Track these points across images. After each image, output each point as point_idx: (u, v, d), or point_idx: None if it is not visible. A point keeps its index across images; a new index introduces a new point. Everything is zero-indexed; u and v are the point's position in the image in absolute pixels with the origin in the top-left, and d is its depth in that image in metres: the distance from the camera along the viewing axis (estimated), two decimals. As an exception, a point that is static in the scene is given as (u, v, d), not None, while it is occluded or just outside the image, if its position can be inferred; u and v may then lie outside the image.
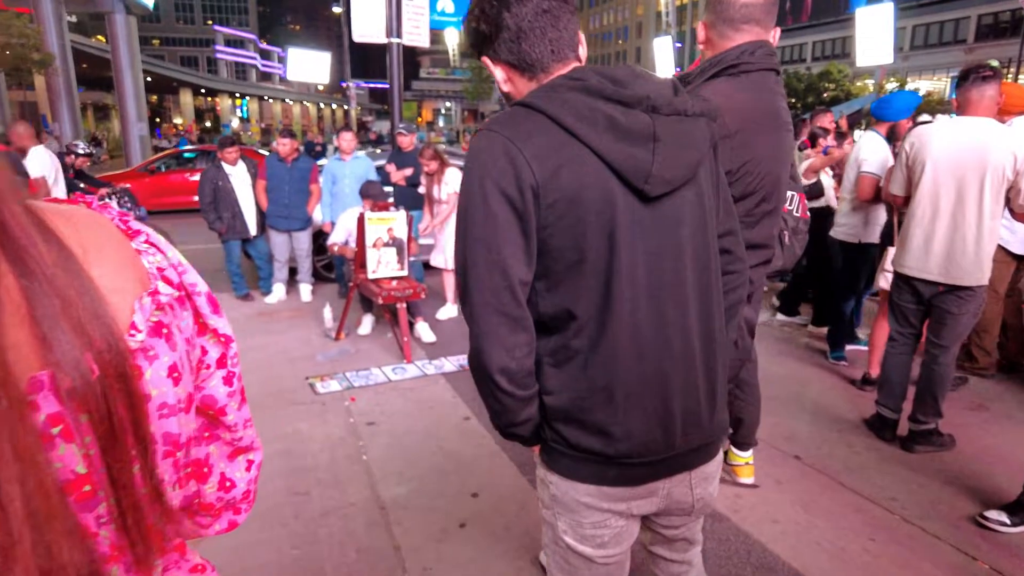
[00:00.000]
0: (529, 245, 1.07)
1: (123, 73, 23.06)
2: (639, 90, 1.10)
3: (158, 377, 0.53)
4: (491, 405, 1.17)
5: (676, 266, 1.15)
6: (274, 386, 4.24)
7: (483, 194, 1.06)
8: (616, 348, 1.11)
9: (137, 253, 0.56)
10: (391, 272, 4.93)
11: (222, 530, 0.72)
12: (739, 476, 2.97)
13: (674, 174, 1.11)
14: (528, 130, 1.07)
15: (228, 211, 6.03)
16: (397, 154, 6.52)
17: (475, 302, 1.09)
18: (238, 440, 0.70)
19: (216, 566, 0.74)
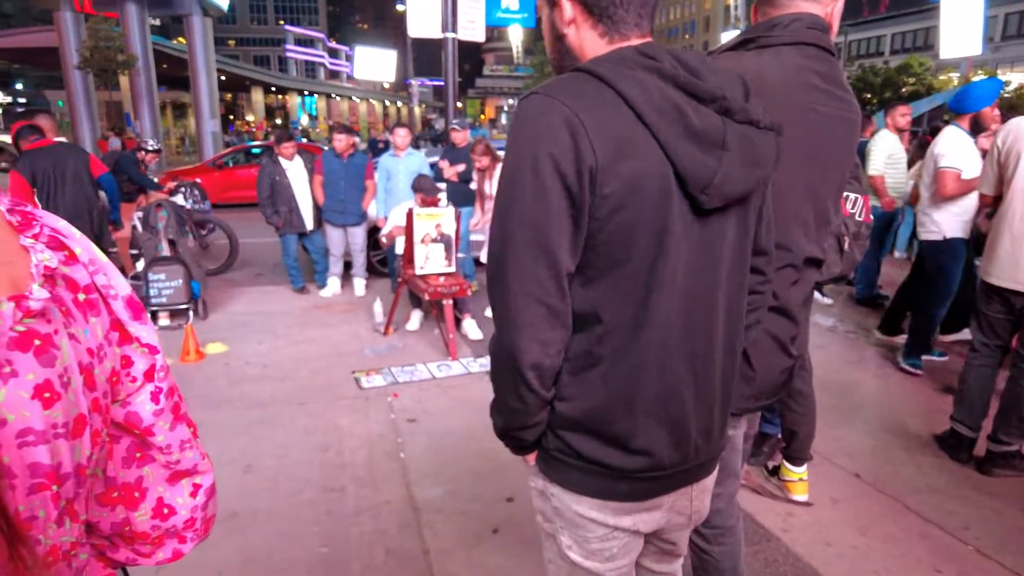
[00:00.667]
0: (578, 234, 0.96)
1: (199, 72, 24.09)
2: (713, 85, 0.98)
3: (16, 399, 0.44)
4: (510, 403, 1.07)
5: (712, 282, 1.06)
6: (321, 380, 4.28)
7: (535, 167, 0.93)
8: (643, 361, 1.02)
9: (22, 250, 0.48)
10: (438, 268, 4.91)
11: (166, 560, 0.65)
12: (791, 492, 2.78)
13: (733, 190, 1.00)
14: (593, 103, 0.94)
15: (285, 206, 6.15)
16: (450, 150, 6.51)
17: (513, 290, 0.98)
18: (175, 463, 0.62)
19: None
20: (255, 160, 14.19)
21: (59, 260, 0.50)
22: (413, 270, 4.87)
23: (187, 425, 0.65)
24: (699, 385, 1.09)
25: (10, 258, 0.47)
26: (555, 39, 1.11)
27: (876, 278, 6.10)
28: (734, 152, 0.98)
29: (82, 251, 0.53)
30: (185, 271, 5.38)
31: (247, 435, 3.47)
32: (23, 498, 0.45)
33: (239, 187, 12.84)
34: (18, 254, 0.48)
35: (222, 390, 4.11)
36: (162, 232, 5.54)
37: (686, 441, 1.10)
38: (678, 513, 1.19)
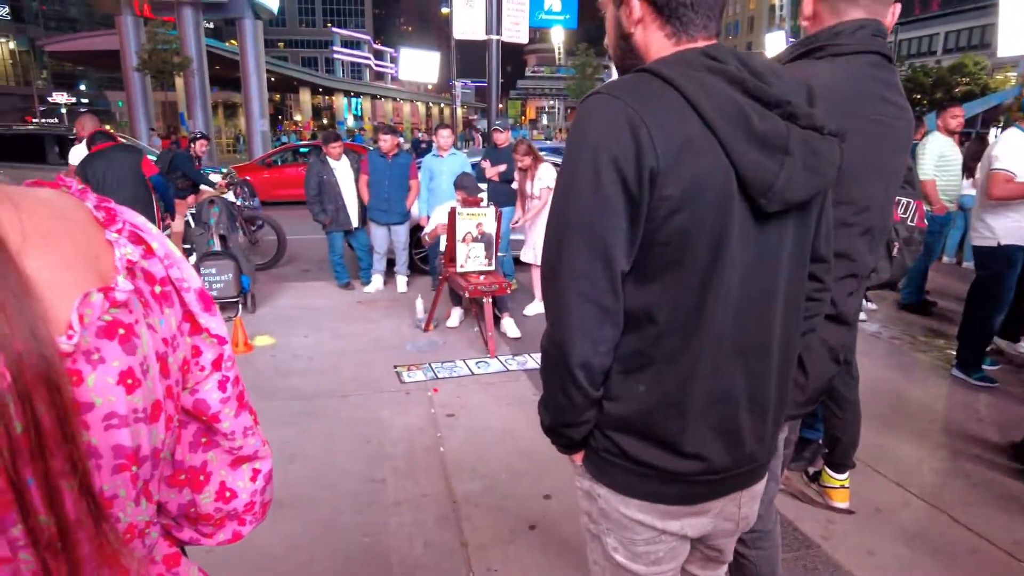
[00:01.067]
0: (634, 235, 0.96)
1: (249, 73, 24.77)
2: (779, 90, 0.98)
3: (104, 384, 0.47)
4: (557, 400, 1.09)
5: (769, 287, 1.06)
6: (364, 373, 4.38)
7: (595, 168, 0.94)
8: (696, 363, 1.02)
9: (107, 244, 0.51)
10: (478, 267, 4.96)
11: (226, 541, 0.69)
12: (832, 499, 2.73)
13: (794, 195, 1.00)
14: (656, 104, 0.94)
15: (332, 204, 6.29)
16: (492, 150, 6.58)
17: (566, 288, 0.99)
18: (238, 449, 0.66)
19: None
20: (303, 159, 14.53)
21: (139, 254, 0.54)
22: (454, 268, 4.94)
23: (249, 413, 0.68)
24: (753, 390, 1.08)
25: (98, 252, 0.50)
26: (620, 38, 1.10)
27: (924, 283, 5.92)
28: (796, 157, 0.97)
29: (159, 246, 0.56)
30: (235, 266, 5.56)
31: (292, 425, 3.58)
32: (107, 478, 0.49)
33: (287, 185, 13.16)
34: (104, 248, 0.51)
35: (269, 381, 4.24)
36: (214, 228, 5.73)
37: (739, 446, 1.09)
38: (726, 519, 1.18)
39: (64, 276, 0.47)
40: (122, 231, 0.53)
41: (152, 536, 0.59)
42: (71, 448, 0.43)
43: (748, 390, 1.07)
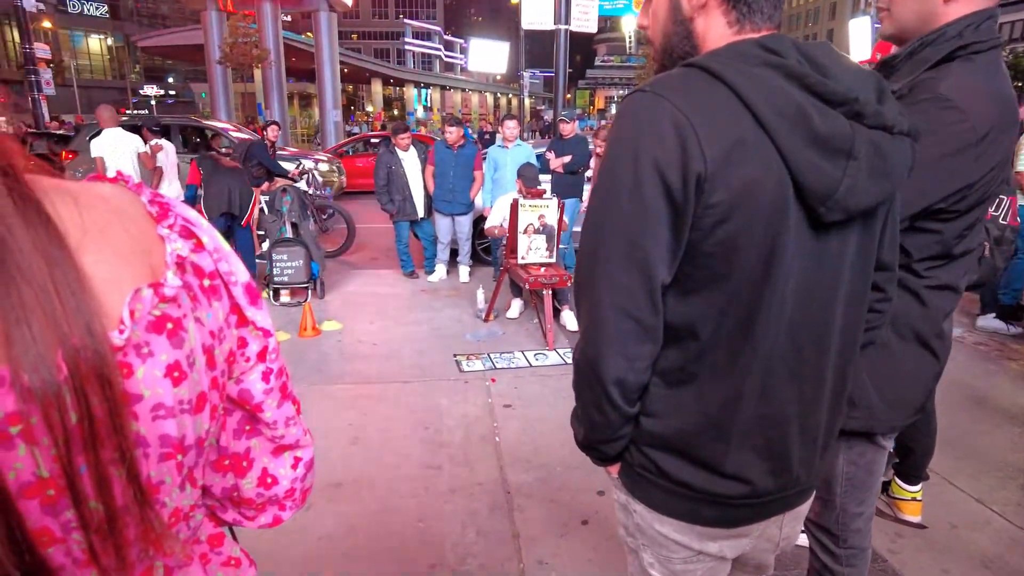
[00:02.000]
0: (678, 245, 0.89)
1: (323, 65, 25.47)
2: (845, 86, 0.88)
3: (152, 377, 0.49)
4: (591, 416, 1.03)
5: (827, 304, 0.98)
6: (425, 360, 4.46)
7: (636, 173, 0.87)
8: (743, 384, 0.95)
9: (159, 239, 0.53)
10: (539, 258, 4.96)
11: (266, 524, 0.72)
12: (902, 512, 2.60)
13: (858, 203, 0.91)
14: (705, 102, 0.86)
15: (399, 194, 6.42)
16: (557, 141, 6.54)
17: (601, 300, 0.93)
18: (279, 438, 0.68)
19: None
20: (373, 149, 14.85)
21: (189, 248, 0.55)
22: (515, 259, 4.95)
23: (292, 403, 0.69)
24: (804, 413, 1.01)
25: (151, 246, 0.52)
26: (676, 23, 1.01)
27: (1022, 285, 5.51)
28: (862, 162, 0.89)
29: (208, 240, 0.58)
30: (305, 253, 5.75)
31: (355, 408, 3.69)
32: (154, 465, 0.51)
33: (359, 175, 13.46)
34: (156, 243, 0.53)
35: (335, 365, 4.38)
36: (286, 215, 5.94)
37: (785, 470, 1.03)
38: (767, 540, 1.13)
39: (119, 271, 0.48)
40: (173, 226, 0.55)
41: (196, 518, 0.62)
42: (120, 438, 0.45)
43: (799, 414, 1.00)
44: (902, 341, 1.42)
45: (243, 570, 0.71)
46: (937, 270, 1.39)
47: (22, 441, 0.42)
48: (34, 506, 0.43)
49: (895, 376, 1.44)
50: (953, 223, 1.35)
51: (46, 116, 17.12)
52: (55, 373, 0.41)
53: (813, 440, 1.05)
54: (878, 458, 1.56)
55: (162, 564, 0.56)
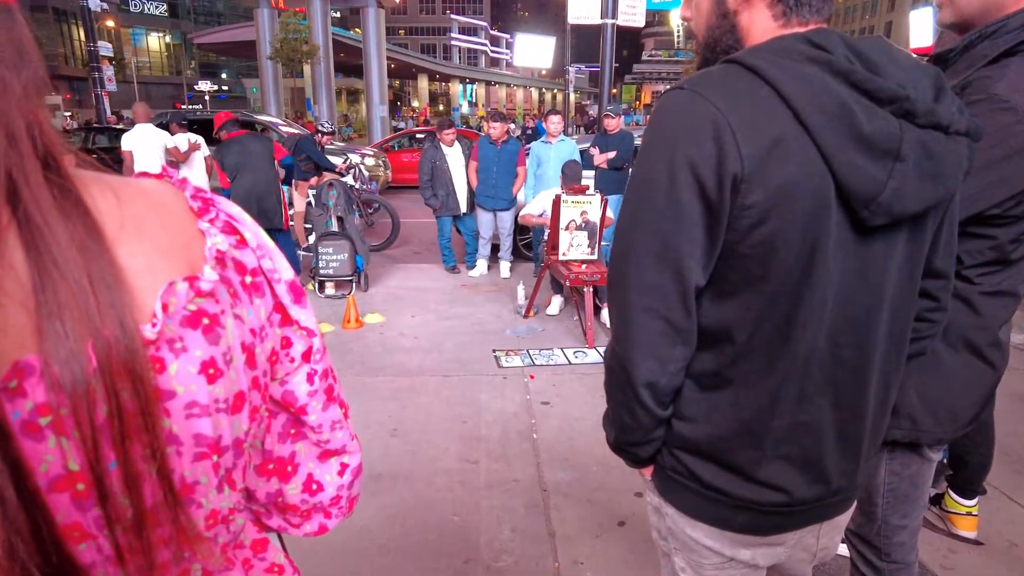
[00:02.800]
0: (713, 245, 0.88)
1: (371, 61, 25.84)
2: (895, 83, 0.84)
3: (185, 373, 0.48)
4: (622, 419, 1.01)
5: (870, 310, 0.94)
6: (465, 354, 4.48)
7: (670, 173, 0.86)
8: (779, 391, 0.93)
9: (199, 234, 0.52)
10: (581, 255, 4.92)
11: (312, 532, 0.70)
12: (957, 527, 2.49)
13: (905, 207, 0.86)
14: (744, 101, 0.84)
15: (443, 189, 6.46)
16: (602, 137, 6.48)
17: (633, 302, 0.92)
18: (325, 442, 0.66)
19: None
20: (419, 145, 14.99)
21: (230, 244, 0.54)
22: (556, 256, 4.93)
23: (339, 406, 0.68)
24: (844, 422, 0.98)
25: (189, 241, 0.52)
26: (719, 16, 0.98)
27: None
28: (910, 163, 0.84)
29: (251, 236, 0.57)
30: (351, 246, 5.85)
31: (396, 400, 3.73)
32: (188, 464, 0.50)
33: (404, 170, 13.62)
34: (195, 237, 0.52)
35: (377, 357, 4.44)
36: (332, 209, 6.05)
37: (822, 480, 0.99)
38: (803, 550, 1.09)
39: (155, 264, 0.48)
40: (215, 221, 0.55)
41: (238, 522, 0.60)
42: (151, 435, 0.45)
43: (837, 423, 0.97)
44: (951, 350, 1.36)
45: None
46: (992, 276, 1.32)
47: (52, 433, 0.41)
48: (64, 500, 0.43)
49: (943, 387, 1.38)
50: (1008, 228, 1.28)
51: (108, 111, 17.83)
52: (85, 365, 0.41)
53: (854, 450, 1.01)
54: (924, 470, 1.49)
55: (200, 568, 0.55)
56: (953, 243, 1.05)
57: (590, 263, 4.92)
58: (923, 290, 1.04)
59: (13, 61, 0.42)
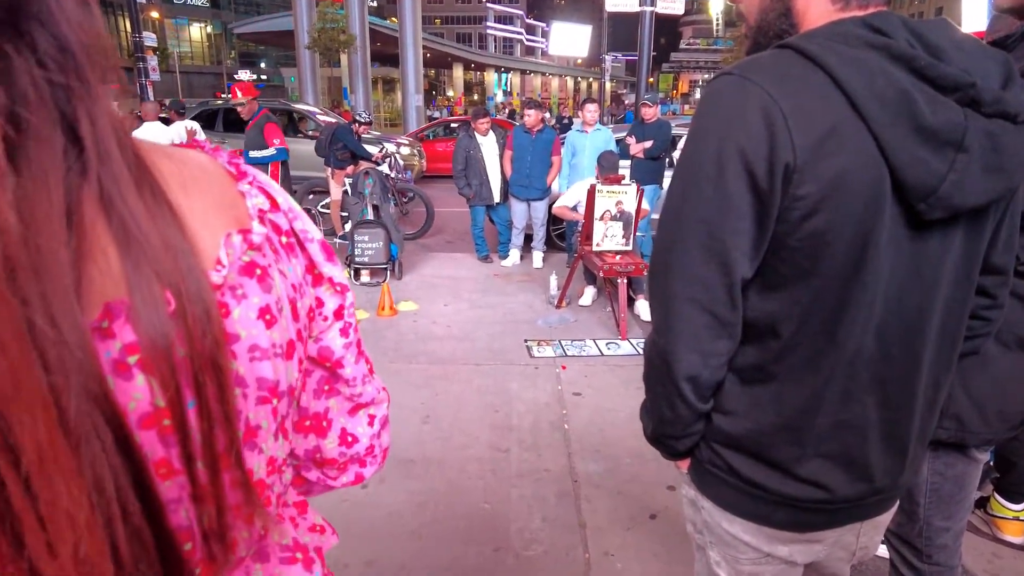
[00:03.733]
0: (762, 237, 0.85)
1: (407, 50, 25.88)
2: (960, 69, 0.80)
3: (247, 318, 0.51)
4: (661, 411, 1.00)
5: (922, 307, 0.90)
6: (496, 344, 4.49)
7: (718, 161, 0.83)
8: (824, 388, 0.90)
9: (240, 195, 0.56)
10: (615, 246, 4.88)
11: (349, 482, 0.74)
12: (1002, 531, 2.41)
13: (965, 200, 0.83)
14: (797, 88, 0.81)
15: (477, 179, 6.47)
16: (638, 126, 6.40)
17: (676, 293, 0.89)
18: (357, 396, 0.69)
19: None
20: (454, 135, 15.01)
21: (268, 205, 0.58)
22: (590, 246, 4.89)
23: (366, 361, 0.71)
24: (890, 423, 0.95)
25: (233, 201, 0.55)
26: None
27: None
28: (973, 154, 0.80)
29: (282, 200, 0.60)
30: (385, 234, 5.90)
31: (428, 388, 3.76)
32: (252, 407, 0.53)
33: (439, 159, 13.65)
34: (238, 197, 0.56)
35: (411, 344, 4.49)
36: (368, 198, 6.10)
37: (865, 478, 0.97)
38: (842, 548, 1.07)
39: (212, 219, 0.52)
40: (253, 183, 0.58)
41: (287, 476, 0.63)
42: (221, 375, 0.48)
43: (882, 423, 0.94)
44: (1003, 348, 1.31)
45: (327, 537, 0.73)
46: None
47: (139, 371, 0.44)
48: (152, 437, 0.45)
49: (992, 386, 1.33)
50: None
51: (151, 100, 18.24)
52: (165, 307, 0.44)
53: (900, 449, 0.98)
54: (970, 471, 1.44)
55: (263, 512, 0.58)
56: (1014, 238, 1.00)
57: (624, 254, 4.87)
58: (979, 287, 1.00)
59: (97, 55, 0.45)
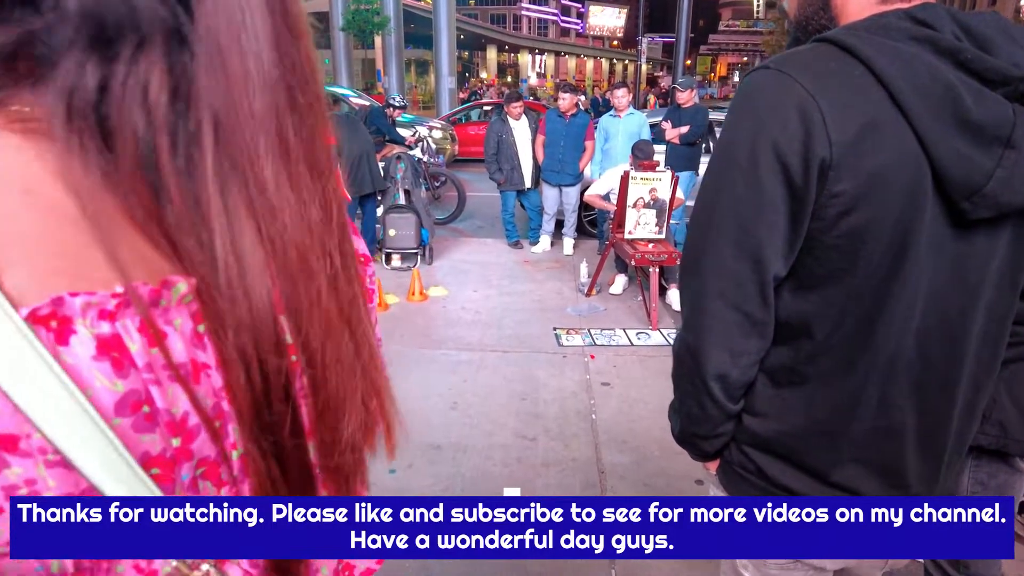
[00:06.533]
0: (796, 234, 0.83)
1: (440, 31, 25.80)
2: (1010, 63, 0.77)
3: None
4: (690, 410, 0.99)
5: (964, 308, 0.87)
6: (524, 330, 4.49)
7: (752, 155, 0.82)
8: (860, 392, 0.88)
9: None
10: (648, 234, 4.82)
11: None
12: (1043, 538, 2.34)
13: (1012, 199, 0.80)
14: (836, 83, 0.79)
15: (508, 163, 6.43)
16: (674, 111, 6.28)
17: (707, 290, 0.88)
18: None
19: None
20: (486, 118, 14.94)
21: None
22: (622, 234, 4.84)
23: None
24: (927, 429, 0.92)
25: None
26: None
27: None
28: (1022, 151, 0.77)
29: None
30: (416, 220, 5.92)
31: (456, 374, 3.79)
32: None
33: (471, 143, 13.61)
34: None
35: (440, 330, 4.51)
36: (399, 182, 6.12)
37: (900, 485, 0.94)
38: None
39: None
40: None
41: None
42: None
43: (920, 428, 0.91)
44: None
45: None
46: None
47: None
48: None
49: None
50: None
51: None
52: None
53: (937, 455, 0.95)
54: (1012, 481, 1.40)
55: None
56: None
57: (657, 242, 4.81)
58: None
59: None
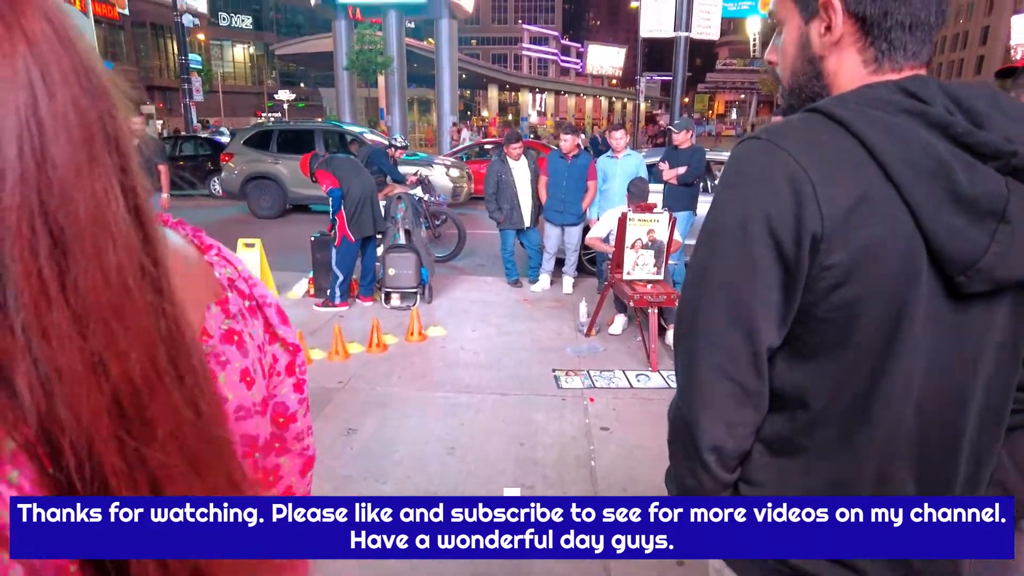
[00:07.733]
0: (789, 306, 0.82)
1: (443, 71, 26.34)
2: (1002, 137, 0.76)
3: (232, 381, 0.55)
4: (684, 481, 0.96)
5: (963, 387, 0.85)
6: (524, 372, 4.46)
7: (744, 230, 0.81)
8: (857, 466, 0.86)
9: (210, 265, 0.59)
10: (646, 275, 4.82)
11: None
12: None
13: (1010, 273, 0.79)
14: (826, 154, 0.79)
15: (508, 203, 6.48)
16: (671, 151, 6.35)
17: (701, 361, 0.87)
18: (306, 448, 0.72)
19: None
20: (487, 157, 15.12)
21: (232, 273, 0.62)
22: (620, 274, 4.84)
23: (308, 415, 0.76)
24: None
25: (205, 272, 0.59)
26: (805, 61, 0.92)
27: None
28: (1015, 225, 0.76)
29: (242, 268, 0.64)
30: (416, 259, 5.94)
31: (455, 417, 3.75)
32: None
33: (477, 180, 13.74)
34: (208, 269, 0.59)
35: (438, 371, 4.48)
36: (400, 222, 6.16)
37: (902, 564, 0.91)
38: None
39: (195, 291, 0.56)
40: (218, 254, 0.62)
41: None
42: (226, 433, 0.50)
43: None
44: None
45: None
46: None
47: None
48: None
49: None
50: None
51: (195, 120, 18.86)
52: None
53: None
54: (1017, 543, 1.36)
55: None
56: None
57: (656, 283, 4.82)
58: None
59: None
